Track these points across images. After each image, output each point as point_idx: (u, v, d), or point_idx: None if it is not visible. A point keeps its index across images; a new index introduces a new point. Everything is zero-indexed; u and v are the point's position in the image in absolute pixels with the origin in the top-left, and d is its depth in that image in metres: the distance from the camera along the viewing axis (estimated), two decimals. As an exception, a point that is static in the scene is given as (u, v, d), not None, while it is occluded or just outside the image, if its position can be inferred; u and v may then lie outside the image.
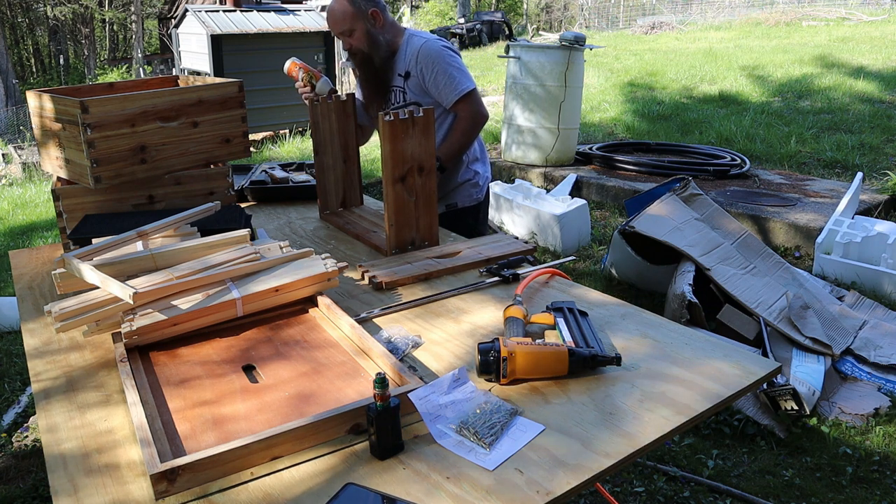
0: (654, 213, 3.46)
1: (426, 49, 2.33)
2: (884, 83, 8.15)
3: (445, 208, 2.50)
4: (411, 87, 2.39)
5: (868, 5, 15.00)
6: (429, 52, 2.33)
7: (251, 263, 1.60)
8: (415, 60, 2.35)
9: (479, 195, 2.58)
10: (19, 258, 2.13)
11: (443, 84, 2.34)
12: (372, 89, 2.46)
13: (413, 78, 2.37)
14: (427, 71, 2.34)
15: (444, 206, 2.50)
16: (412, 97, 2.39)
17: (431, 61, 2.33)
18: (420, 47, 2.33)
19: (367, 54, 2.35)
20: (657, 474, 2.47)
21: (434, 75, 2.34)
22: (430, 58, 2.33)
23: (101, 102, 1.85)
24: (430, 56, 2.33)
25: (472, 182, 2.55)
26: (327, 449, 1.16)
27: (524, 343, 1.35)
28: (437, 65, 2.32)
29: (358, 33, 2.32)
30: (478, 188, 2.56)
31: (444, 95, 2.36)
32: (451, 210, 2.51)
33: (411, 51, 2.36)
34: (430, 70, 2.33)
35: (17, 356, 3.51)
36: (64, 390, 1.37)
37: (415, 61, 2.35)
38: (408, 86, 2.39)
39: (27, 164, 9.01)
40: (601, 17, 19.02)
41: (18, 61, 25.36)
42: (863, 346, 3.03)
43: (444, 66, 2.33)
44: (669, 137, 6.77)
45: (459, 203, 2.53)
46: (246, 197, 2.61)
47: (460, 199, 2.53)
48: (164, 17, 18.85)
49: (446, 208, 2.51)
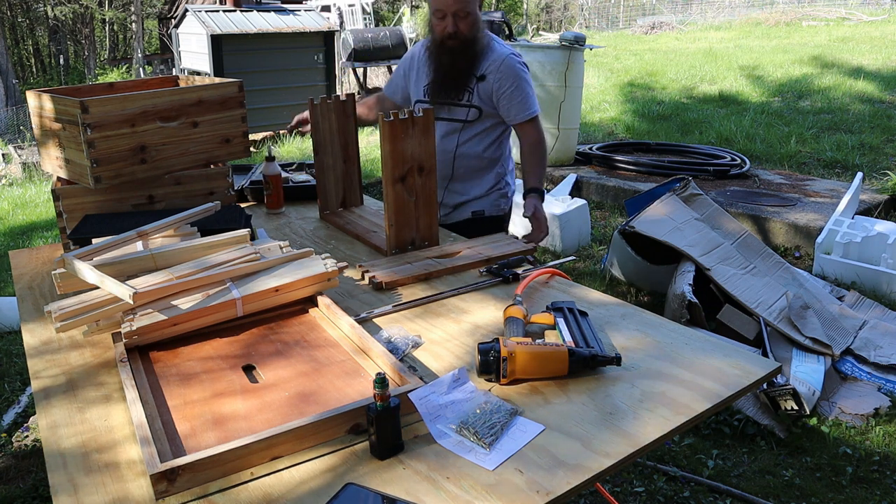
0: (654, 213, 3.46)
1: (511, 61, 2.30)
2: (884, 83, 8.15)
3: (472, 214, 2.47)
4: (481, 91, 2.34)
5: (868, 5, 15.00)
6: (513, 66, 2.30)
7: (251, 263, 1.60)
8: (496, 67, 2.30)
9: (506, 206, 2.54)
10: (19, 258, 2.13)
11: (517, 101, 2.32)
12: (448, 79, 2.34)
13: (487, 84, 2.32)
14: (506, 82, 2.30)
15: (471, 213, 2.47)
16: (476, 100, 2.34)
17: (514, 75, 2.30)
18: (506, 57, 2.30)
19: (469, 41, 2.26)
20: (657, 474, 2.47)
21: (511, 90, 2.31)
22: (514, 71, 2.30)
23: (101, 102, 1.85)
24: (513, 69, 2.30)
25: (502, 192, 2.51)
26: (327, 449, 1.16)
27: (524, 343, 1.35)
28: (517, 80, 2.30)
29: (471, 18, 2.23)
30: (505, 199, 2.53)
31: (513, 112, 2.34)
32: (478, 217, 2.47)
33: (496, 57, 2.31)
34: (510, 83, 2.30)
35: (17, 356, 3.51)
36: (64, 390, 1.37)
37: (496, 68, 2.30)
38: (478, 88, 2.33)
39: (27, 164, 9.01)
40: (601, 17, 19.02)
41: (18, 61, 25.37)
42: (863, 346, 3.03)
43: (522, 84, 2.32)
44: (669, 137, 6.77)
45: (487, 211, 2.49)
46: (246, 197, 2.61)
47: (488, 207, 2.49)
48: (164, 17, 18.85)
49: (472, 215, 2.47)
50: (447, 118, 2.37)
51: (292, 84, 8.76)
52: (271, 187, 2.45)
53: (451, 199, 2.49)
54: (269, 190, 2.45)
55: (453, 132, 2.40)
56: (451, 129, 2.39)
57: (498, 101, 2.33)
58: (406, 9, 16.07)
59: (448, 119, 2.38)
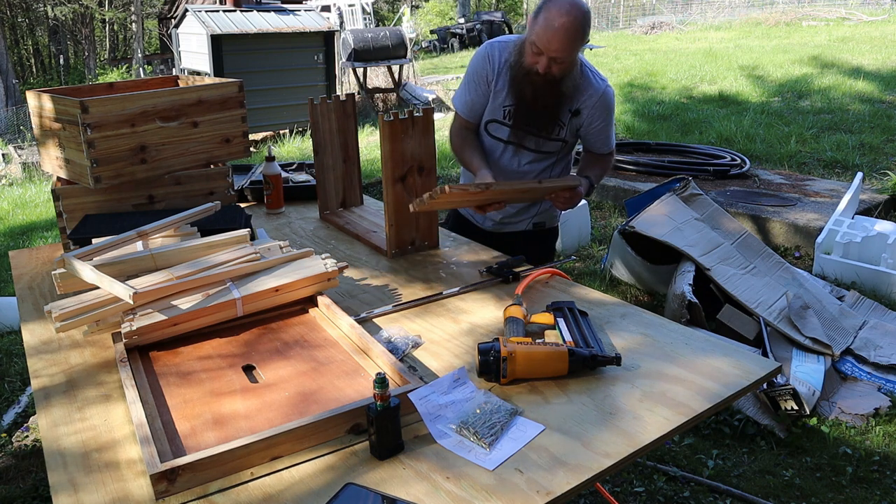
0: (654, 213, 3.46)
1: (607, 97, 2.15)
2: (883, 83, 8.16)
3: (533, 226, 2.36)
4: (572, 125, 2.18)
5: (868, 5, 15.00)
6: (608, 102, 2.16)
7: (251, 263, 1.60)
8: (593, 103, 2.13)
9: (558, 220, 2.46)
10: (19, 258, 2.13)
11: (605, 136, 2.22)
12: (536, 115, 2.14)
13: (580, 118, 2.16)
14: (598, 118, 2.16)
15: (532, 224, 2.35)
16: (567, 135, 2.20)
17: (607, 111, 2.17)
18: (603, 92, 2.14)
19: (559, 81, 2.04)
20: (657, 474, 2.47)
21: (603, 125, 2.19)
22: (608, 108, 2.17)
23: (101, 102, 1.85)
24: (608, 106, 2.16)
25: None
26: (327, 449, 1.16)
27: (524, 343, 1.35)
28: (609, 116, 2.19)
29: (569, 64, 2.01)
30: (559, 212, 2.43)
31: (598, 144, 2.24)
32: (539, 229, 2.37)
33: (592, 92, 2.13)
34: (602, 119, 2.17)
35: (17, 356, 3.51)
36: (64, 390, 1.37)
37: (593, 104, 2.13)
38: (572, 123, 2.17)
39: (27, 164, 9.01)
40: (601, 17, 19.01)
41: (18, 61, 25.37)
42: (863, 346, 3.03)
43: (611, 119, 2.22)
44: (669, 137, 6.77)
45: (547, 223, 2.39)
46: (246, 197, 2.61)
47: (548, 219, 2.39)
48: (164, 17, 18.85)
49: (533, 226, 2.36)
50: (534, 149, 2.20)
51: (292, 84, 8.77)
52: (271, 187, 2.45)
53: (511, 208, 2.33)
54: (269, 190, 2.45)
55: (544, 165, 2.25)
56: (538, 158, 2.23)
57: (586, 134, 2.21)
58: (406, 9, 16.07)
59: (536, 150, 2.21)
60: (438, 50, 17.78)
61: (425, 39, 18.69)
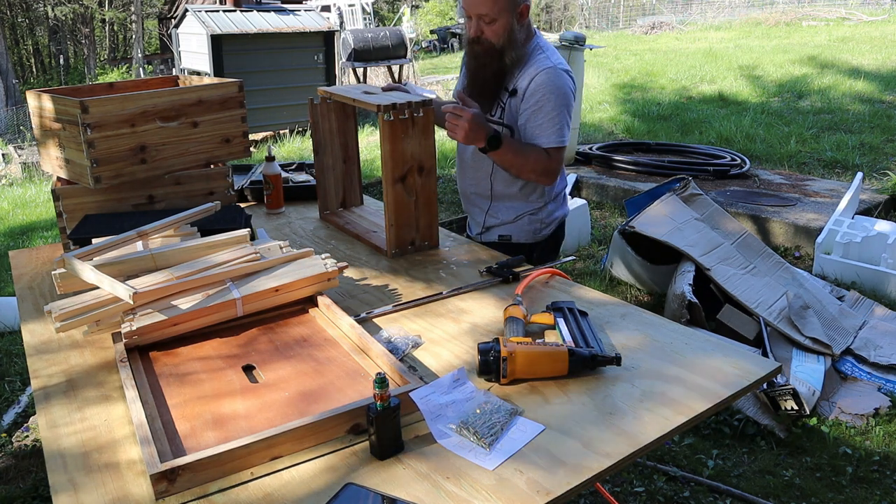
0: (654, 213, 3.46)
1: (549, 75, 1.99)
2: (883, 83, 8.16)
3: (498, 238, 2.25)
4: (511, 108, 2.06)
5: (868, 5, 15.01)
6: (547, 83, 1.98)
7: (251, 263, 1.60)
8: (527, 81, 2.00)
9: (541, 233, 2.25)
10: (19, 258, 2.13)
11: (535, 124, 2.02)
12: (477, 90, 2.07)
13: (517, 100, 2.04)
14: (532, 98, 2.00)
15: (497, 237, 2.25)
16: (508, 118, 2.07)
17: (544, 95, 1.99)
18: (543, 70, 1.99)
19: (498, 51, 1.98)
20: (657, 474, 2.47)
21: (537, 108, 2.00)
22: (546, 90, 1.99)
23: (101, 102, 1.85)
24: (546, 88, 1.98)
25: (537, 219, 2.22)
26: (327, 449, 1.16)
27: (524, 343, 1.35)
28: (544, 101, 1.99)
29: (499, 25, 1.96)
30: (541, 224, 2.24)
31: (530, 133, 2.04)
32: (504, 242, 2.24)
33: (533, 70, 2.00)
34: (535, 100, 2.00)
35: (17, 356, 3.51)
36: (64, 390, 1.37)
37: (527, 83, 2.00)
38: (509, 104, 2.05)
39: (27, 164, 9.00)
40: (601, 17, 19.02)
41: (18, 61, 25.36)
42: (863, 346, 3.03)
43: (549, 107, 2.00)
44: (669, 137, 6.77)
45: (514, 237, 2.24)
46: (246, 197, 2.61)
47: (516, 233, 2.24)
48: (164, 17, 18.85)
49: (499, 239, 2.25)
50: None
51: (292, 84, 8.76)
52: (271, 187, 2.45)
53: (489, 221, 2.26)
54: (269, 190, 2.45)
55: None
56: None
57: (519, 119, 2.05)
58: (406, 9, 16.07)
59: None
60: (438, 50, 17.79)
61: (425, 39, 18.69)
